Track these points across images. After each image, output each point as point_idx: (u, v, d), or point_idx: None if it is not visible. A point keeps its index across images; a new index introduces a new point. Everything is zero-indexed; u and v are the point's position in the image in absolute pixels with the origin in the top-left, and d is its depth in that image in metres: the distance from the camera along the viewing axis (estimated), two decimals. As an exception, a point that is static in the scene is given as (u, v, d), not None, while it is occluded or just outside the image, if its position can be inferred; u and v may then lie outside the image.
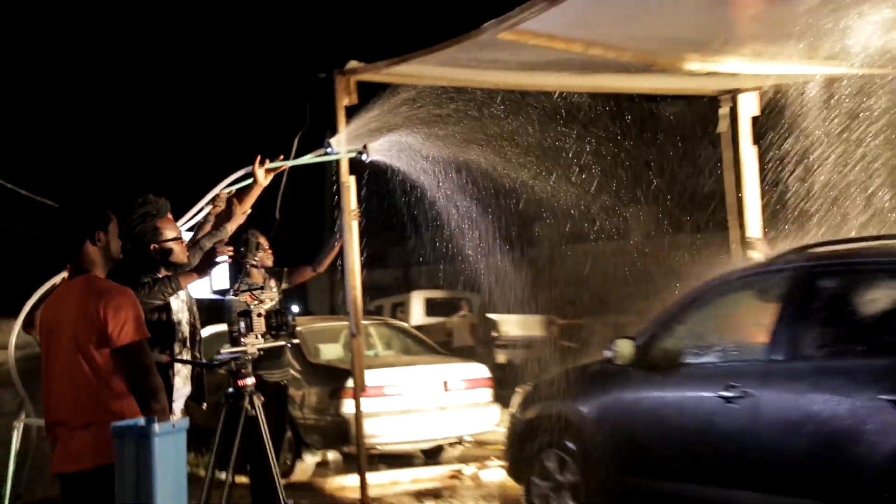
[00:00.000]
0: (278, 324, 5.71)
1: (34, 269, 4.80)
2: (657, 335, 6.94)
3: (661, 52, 7.34)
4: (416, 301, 21.16)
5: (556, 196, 9.35)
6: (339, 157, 7.04)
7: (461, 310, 21.37)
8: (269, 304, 6.75)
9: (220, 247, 5.86)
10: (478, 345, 19.35)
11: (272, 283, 7.54)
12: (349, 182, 7.09)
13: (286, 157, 6.66)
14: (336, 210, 7.28)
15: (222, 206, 6.34)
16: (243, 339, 5.49)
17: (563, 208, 10.41)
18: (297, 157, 6.83)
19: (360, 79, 7.12)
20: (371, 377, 9.24)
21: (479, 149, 7.71)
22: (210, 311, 7.04)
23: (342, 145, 6.99)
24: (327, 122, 7.08)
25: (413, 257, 24.86)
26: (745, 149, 8.83)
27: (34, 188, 5.70)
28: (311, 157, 6.87)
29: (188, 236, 6.21)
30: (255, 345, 5.53)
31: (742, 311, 6.92)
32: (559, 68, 7.38)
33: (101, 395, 4.11)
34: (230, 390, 5.52)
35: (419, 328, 15.56)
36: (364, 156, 6.96)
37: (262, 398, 5.57)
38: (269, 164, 6.36)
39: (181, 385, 5.53)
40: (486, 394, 11.38)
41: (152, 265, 5.44)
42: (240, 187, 6.41)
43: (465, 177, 7.74)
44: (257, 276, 7.43)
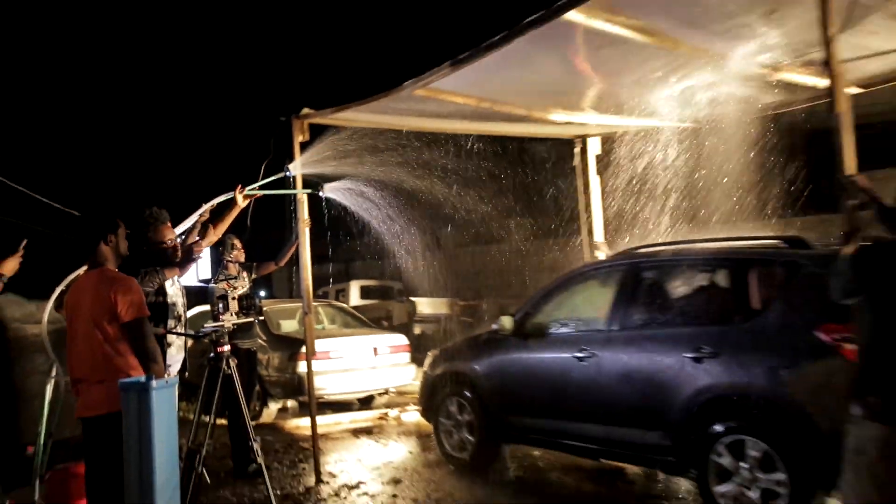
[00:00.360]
0: (248, 305, 5.75)
1: (60, 263, 4.75)
2: (530, 313, 7.09)
3: (533, 106, 7.40)
4: (354, 288, 21.10)
5: (457, 210, 9.43)
6: (300, 192, 7.11)
7: (392, 295, 21.37)
8: (241, 291, 6.73)
9: (196, 248, 6.11)
10: (402, 320, 19.43)
11: (244, 274, 7.53)
12: (303, 199, 7.10)
13: (255, 181, 6.80)
14: (293, 219, 7.27)
15: (207, 216, 6.50)
16: (221, 317, 5.54)
17: (462, 219, 10.50)
18: (264, 177, 6.87)
19: (311, 121, 7.11)
20: (319, 345, 9.28)
21: (401, 174, 7.75)
22: (197, 296, 7.02)
23: (299, 171, 7.06)
24: (286, 153, 7.07)
25: (351, 255, 24.73)
26: (592, 178, 8.93)
27: (61, 199, 5.64)
28: (269, 180, 6.92)
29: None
30: (230, 321, 5.59)
31: (590, 294, 6.99)
32: (459, 117, 7.42)
33: (111, 358, 4.17)
34: (211, 355, 5.57)
35: (356, 308, 15.51)
36: (321, 192, 7.24)
37: (236, 361, 5.60)
38: (245, 191, 6.62)
39: (175, 353, 5.55)
40: (406, 357, 11.55)
41: (154, 259, 5.46)
42: (222, 203, 6.57)
43: (391, 194, 7.78)
44: (233, 269, 7.43)
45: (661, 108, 7.15)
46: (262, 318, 10.45)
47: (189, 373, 5.77)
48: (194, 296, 6.83)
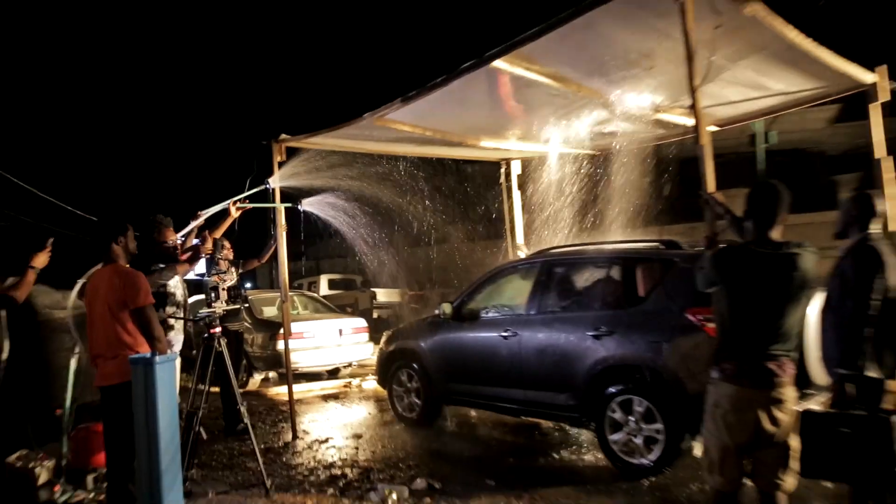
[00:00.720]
0: (235, 294, 5.74)
1: (80, 259, 4.73)
2: (465, 300, 7.11)
3: (467, 134, 7.46)
4: (323, 280, 20.98)
5: (407, 216, 9.48)
6: (282, 206, 7.09)
7: (354, 287, 21.28)
8: (230, 283, 6.72)
9: (203, 247, 6.22)
10: (366, 306, 19.40)
11: (232, 269, 7.48)
12: (281, 209, 7.07)
13: (241, 193, 6.84)
14: (273, 224, 7.26)
15: (203, 223, 6.56)
16: (213, 304, 5.51)
17: (412, 224, 10.56)
18: (249, 191, 6.86)
19: (287, 145, 7.06)
20: (295, 327, 9.25)
21: (362, 187, 7.76)
22: (195, 287, 6.99)
23: (278, 186, 7.05)
24: (267, 171, 7.04)
25: (321, 253, 24.53)
26: (514, 192, 9.00)
27: (82, 207, 5.63)
28: (254, 192, 6.91)
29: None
30: (221, 307, 5.54)
31: (513, 286, 7.03)
32: (409, 142, 7.45)
33: (123, 338, 4.16)
34: (205, 335, 5.52)
35: (325, 297, 15.45)
36: (299, 206, 7.29)
37: (226, 340, 5.58)
38: (238, 204, 6.73)
39: (175, 334, 5.56)
40: (365, 336, 11.56)
41: (158, 257, 5.45)
42: (217, 212, 6.67)
43: (353, 203, 7.79)
44: (223, 265, 7.37)
45: (567, 138, 7.30)
46: (248, 305, 10.46)
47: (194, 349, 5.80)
48: (192, 287, 6.78)
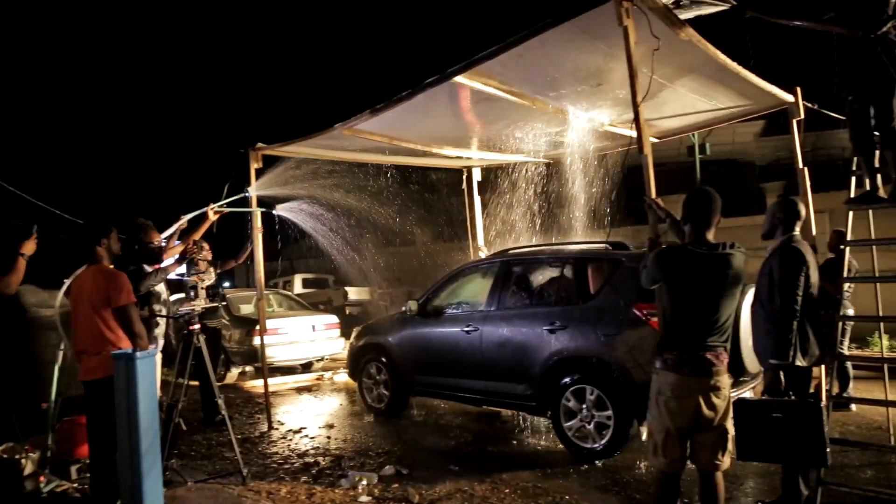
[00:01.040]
0: (214, 293, 5.71)
1: (66, 260, 4.60)
2: (430, 298, 7.11)
3: (431, 144, 7.46)
4: (297, 279, 20.74)
5: (377, 219, 9.44)
6: (256, 210, 7.00)
7: (327, 285, 21.11)
8: (208, 282, 6.64)
9: (190, 248, 6.34)
10: (340, 303, 19.27)
11: (211, 269, 7.36)
12: (257, 213, 6.99)
13: (219, 198, 6.71)
14: (249, 227, 7.18)
15: (186, 226, 6.47)
16: (193, 302, 5.41)
17: (381, 226, 10.53)
18: (227, 195, 6.76)
19: (263, 152, 6.99)
20: (270, 323, 9.20)
21: (333, 193, 7.72)
22: (175, 286, 6.87)
23: (254, 192, 6.97)
24: (244, 177, 6.96)
25: (295, 254, 24.31)
26: (475, 197, 9.02)
27: (68, 210, 5.49)
28: (232, 199, 6.82)
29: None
30: (200, 305, 5.46)
31: (475, 284, 7.04)
32: (377, 151, 7.42)
33: (106, 335, 4.07)
34: (185, 332, 5.43)
35: (299, 295, 15.31)
36: (274, 212, 7.28)
37: (205, 336, 5.49)
38: (216, 208, 6.61)
39: (161, 330, 5.47)
40: (337, 332, 11.48)
41: (144, 258, 5.35)
42: (196, 216, 6.54)
43: (325, 208, 7.75)
44: (202, 265, 7.24)
45: (523, 148, 7.35)
46: (225, 303, 10.31)
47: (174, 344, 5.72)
48: (174, 286, 6.68)
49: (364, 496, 4.74)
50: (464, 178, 9.12)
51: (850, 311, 6.65)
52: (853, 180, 4.88)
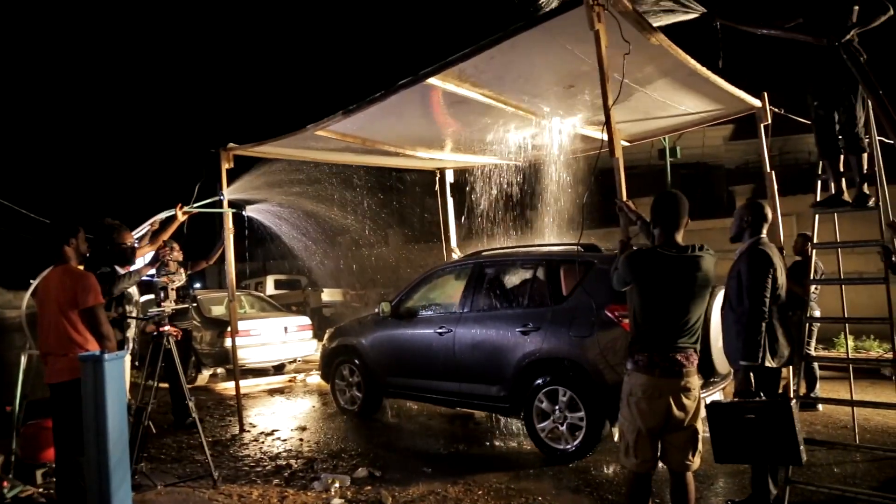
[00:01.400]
0: (184, 294, 5.62)
1: (35, 260, 4.52)
2: (403, 299, 7.09)
3: (404, 145, 7.45)
4: (270, 281, 20.56)
5: (350, 221, 9.41)
6: (227, 211, 6.92)
7: (299, 287, 20.98)
8: (178, 283, 6.54)
9: (163, 251, 6.32)
10: (318, 304, 19.13)
11: (181, 270, 7.25)
12: (228, 213, 6.91)
13: (190, 198, 6.61)
14: (220, 228, 7.12)
15: (157, 226, 6.39)
16: (163, 304, 5.36)
17: (354, 228, 10.49)
18: (197, 198, 6.67)
19: (235, 153, 6.91)
20: (242, 325, 9.17)
21: (305, 194, 7.68)
22: (145, 287, 6.78)
23: (228, 196, 6.91)
24: (215, 178, 6.89)
25: (267, 255, 24.13)
26: (448, 199, 9.01)
27: (35, 209, 5.40)
28: (205, 203, 6.74)
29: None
30: (170, 307, 5.39)
31: (448, 286, 7.05)
32: (349, 151, 7.37)
33: (73, 336, 3.99)
34: (155, 333, 5.35)
35: (271, 297, 15.20)
36: (244, 213, 7.22)
37: (175, 339, 5.41)
38: (185, 209, 6.48)
39: (132, 332, 5.42)
40: (309, 333, 11.45)
41: (115, 258, 5.27)
42: (167, 218, 6.47)
43: (297, 209, 7.71)
44: (173, 266, 7.14)
45: (496, 150, 7.37)
46: (196, 304, 10.18)
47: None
48: (143, 287, 6.60)
49: (337, 499, 4.71)
50: (437, 179, 9.12)
51: (817, 313, 6.80)
52: (819, 184, 4.98)
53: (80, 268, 4.29)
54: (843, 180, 4.74)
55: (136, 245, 5.70)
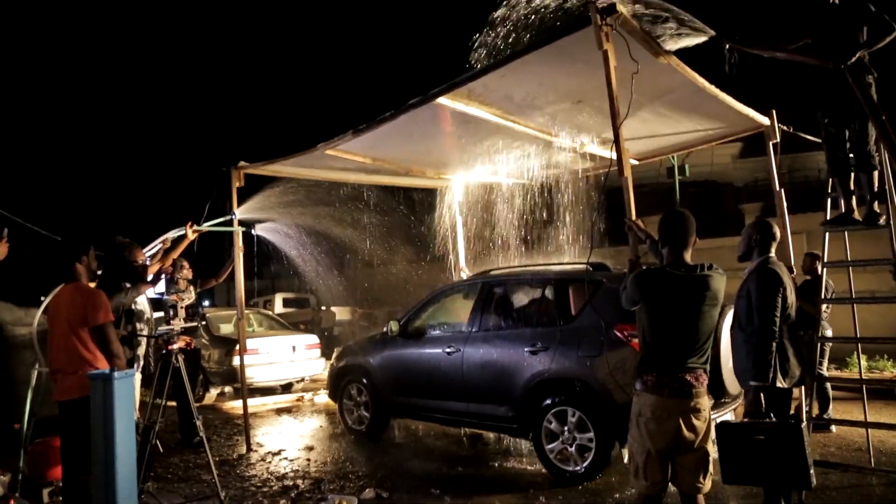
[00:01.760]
0: (193, 312, 5.65)
1: (47, 277, 4.55)
2: (411, 318, 7.06)
3: (412, 165, 7.49)
4: (278, 299, 20.60)
5: (358, 240, 9.42)
6: (236, 229, 6.96)
7: (308, 305, 20.99)
8: (188, 301, 6.55)
9: (166, 269, 6.28)
10: (330, 324, 19.10)
11: (191, 288, 7.26)
12: (238, 232, 6.95)
13: (201, 216, 6.66)
14: (230, 245, 7.15)
15: (169, 245, 6.43)
16: (172, 322, 5.36)
17: (363, 247, 10.50)
18: (208, 216, 6.72)
19: (246, 171, 6.96)
20: (250, 343, 9.14)
21: (314, 213, 7.71)
22: (155, 305, 6.81)
23: (237, 216, 6.95)
24: (226, 196, 6.94)
25: (276, 273, 24.20)
26: (457, 218, 8.95)
27: (47, 227, 5.44)
28: (217, 222, 6.78)
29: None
30: (179, 325, 5.40)
31: (456, 305, 7.02)
32: (359, 171, 7.42)
33: (82, 354, 4.01)
34: (164, 351, 5.36)
35: (279, 315, 15.22)
36: (253, 231, 7.27)
37: (183, 356, 5.42)
38: (195, 227, 6.51)
39: (143, 350, 5.43)
40: (317, 352, 11.39)
41: (127, 276, 5.30)
42: (178, 236, 6.49)
43: (306, 228, 7.74)
44: (182, 284, 7.16)
45: (505, 168, 7.40)
46: (205, 322, 10.21)
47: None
48: (153, 305, 6.62)
49: (344, 520, 4.69)
50: (446, 198, 9.08)
51: (829, 332, 6.73)
52: (829, 202, 4.97)
53: (92, 285, 4.32)
54: (854, 198, 4.73)
55: (147, 263, 5.73)
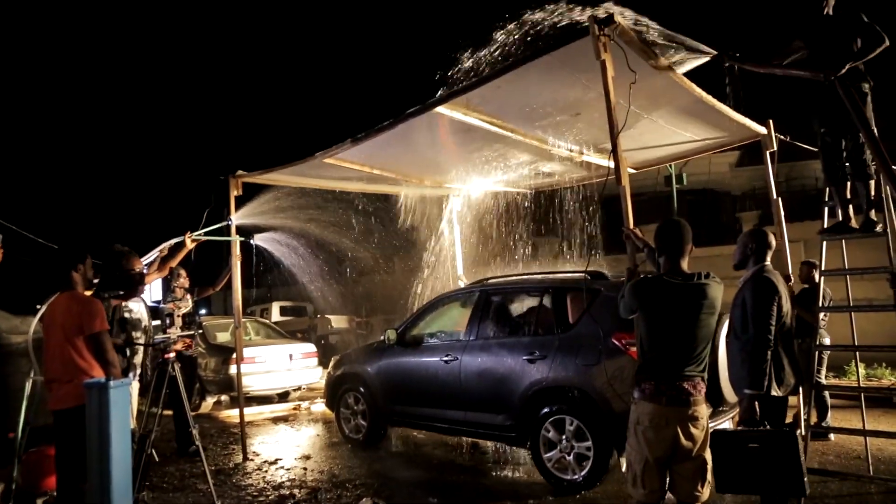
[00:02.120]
0: (190, 321, 5.61)
1: (43, 285, 4.55)
2: (409, 327, 7.08)
3: (412, 174, 7.51)
4: (275, 307, 20.58)
5: (355, 249, 9.43)
6: (235, 239, 6.95)
7: (304, 313, 20.96)
8: (184, 309, 6.54)
9: (148, 278, 6.16)
10: (325, 331, 19.08)
11: (188, 297, 7.30)
12: (236, 241, 6.95)
13: (199, 225, 6.69)
14: (228, 254, 7.16)
15: (166, 252, 6.48)
16: (168, 330, 5.36)
17: (359, 256, 10.50)
18: (206, 225, 6.72)
19: (243, 180, 6.98)
20: (247, 352, 9.13)
21: (311, 221, 7.72)
22: (151, 313, 6.80)
23: (234, 224, 6.96)
24: (224, 204, 6.96)
25: (273, 281, 24.17)
26: (455, 226, 8.99)
27: (43, 235, 5.45)
28: (213, 229, 6.78)
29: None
30: (175, 333, 5.38)
31: (454, 313, 7.03)
32: (357, 180, 7.43)
33: (78, 363, 3.99)
34: (160, 360, 5.35)
35: (276, 323, 15.21)
36: (252, 241, 7.29)
37: (180, 364, 5.41)
38: (193, 236, 6.57)
39: (140, 358, 5.41)
40: (314, 361, 11.39)
41: (122, 284, 5.29)
42: (175, 244, 6.55)
43: (303, 236, 7.75)
44: (179, 293, 7.18)
45: (502, 177, 7.41)
46: (202, 331, 10.20)
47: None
48: (150, 313, 6.62)
49: (341, 529, 4.67)
50: (443, 207, 9.12)
51: (827, 340, 6.75)
52: (826, 211, 4.99)
53: (88, 294, 4.32)
54: (851, 207, 4.75)
55: (144, 271, 5.73)
